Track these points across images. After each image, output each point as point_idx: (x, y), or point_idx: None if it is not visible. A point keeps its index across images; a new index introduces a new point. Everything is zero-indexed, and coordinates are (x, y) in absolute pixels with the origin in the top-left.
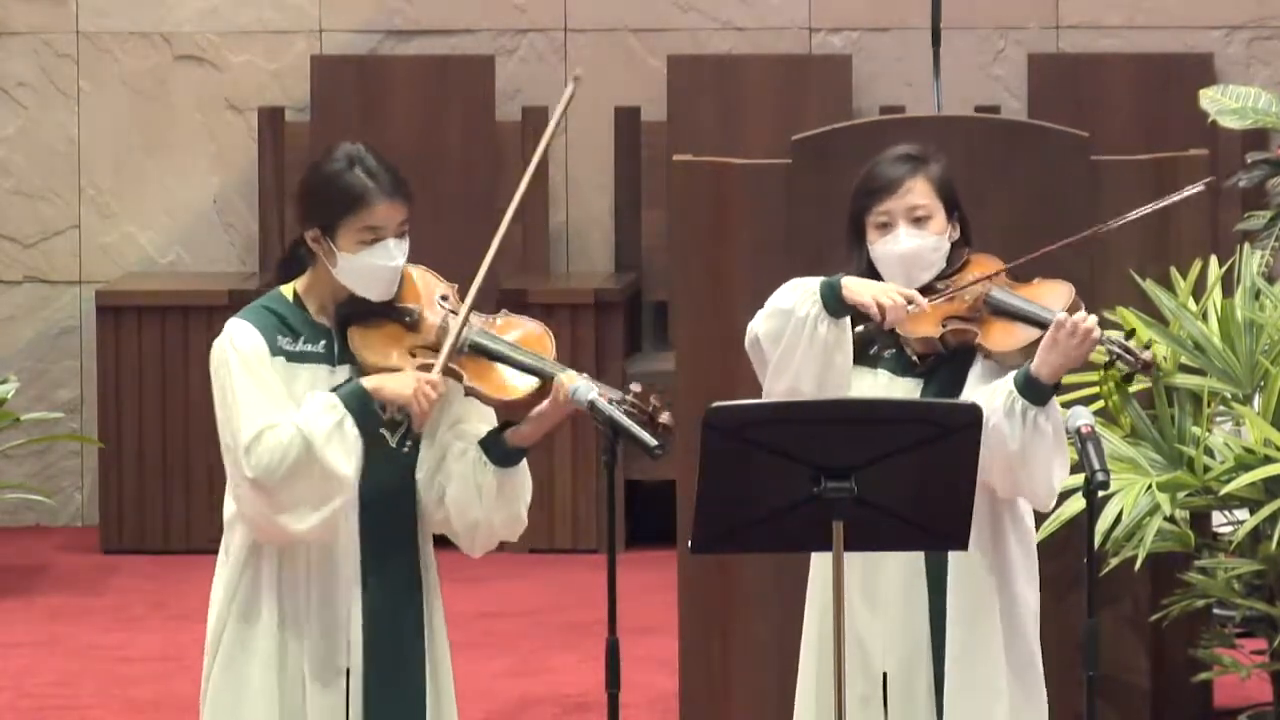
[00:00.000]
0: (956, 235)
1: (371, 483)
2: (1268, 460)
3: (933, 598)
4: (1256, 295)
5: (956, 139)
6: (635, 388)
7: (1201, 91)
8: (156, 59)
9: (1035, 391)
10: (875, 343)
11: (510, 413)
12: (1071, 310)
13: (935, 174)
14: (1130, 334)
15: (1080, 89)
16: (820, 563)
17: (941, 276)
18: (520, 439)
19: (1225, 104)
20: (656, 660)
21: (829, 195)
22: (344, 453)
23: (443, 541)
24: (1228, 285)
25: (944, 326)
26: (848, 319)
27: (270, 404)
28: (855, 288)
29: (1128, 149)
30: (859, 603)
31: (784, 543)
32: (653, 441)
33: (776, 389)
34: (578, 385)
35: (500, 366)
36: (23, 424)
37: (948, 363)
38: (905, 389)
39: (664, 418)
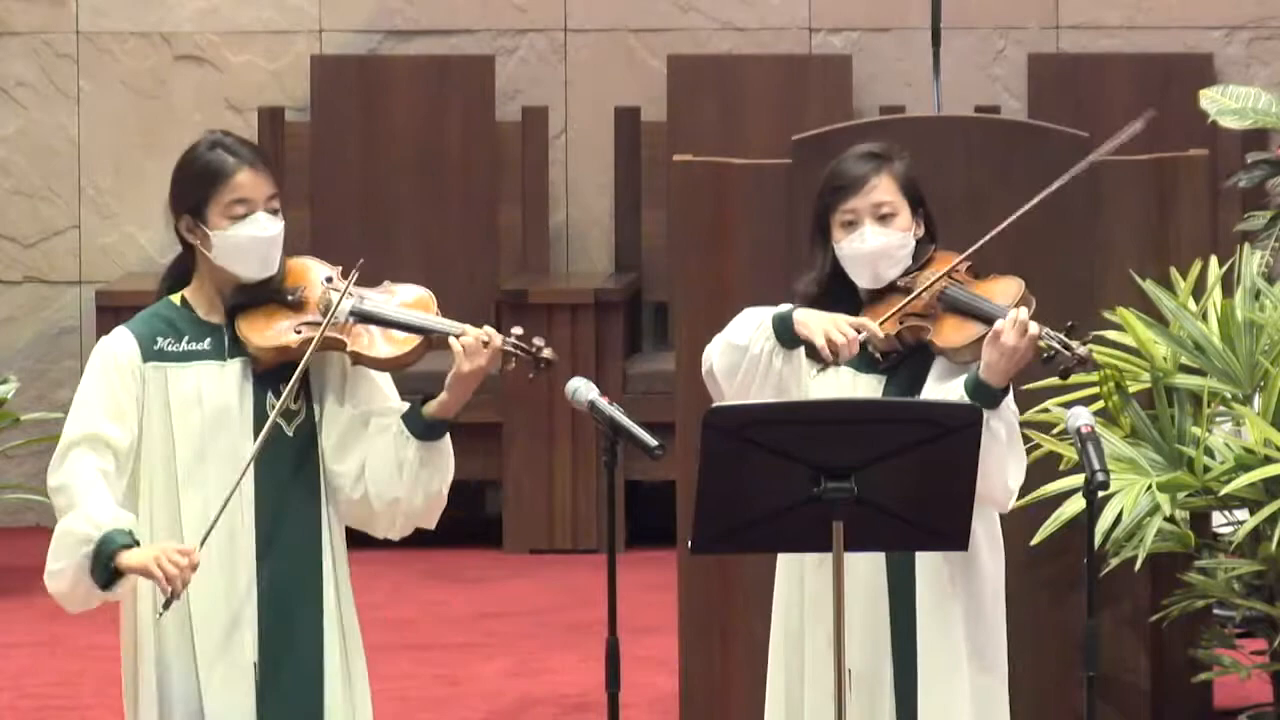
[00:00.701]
0: (921, 232)
1: (267, 472)
2: (1268, 460)
3: (894, 593)
4: (1256, 295)
5: (956, 139)
6: (516, 330)
7: (1201, 91)
8: (156, 59)
9: (985, 395)
10: None
11: (398, 372)
12: (1020, 304)
13: (899, 171)
14: (1071, 328)
15: (1080, 89)
16: (785, 564)
17: (907, 273)
18: (440, 410)
19: (1225, 104)
20: (656, 660)
21: None
22: (63, 557)
23: (436, 540)
24: (1228, 285)
25: (901, 323)
26: (801, 349)
27: (105, 418)
28: (807, 323)
29: (1128, 149)
30: (825, 601)
31: (784, 543)
32: (653, 442)
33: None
34: (577, 385)
35: (382, 329)
36: (23, 424)
37: (909, 360)
38: (868, 386)
39: (546, 353)
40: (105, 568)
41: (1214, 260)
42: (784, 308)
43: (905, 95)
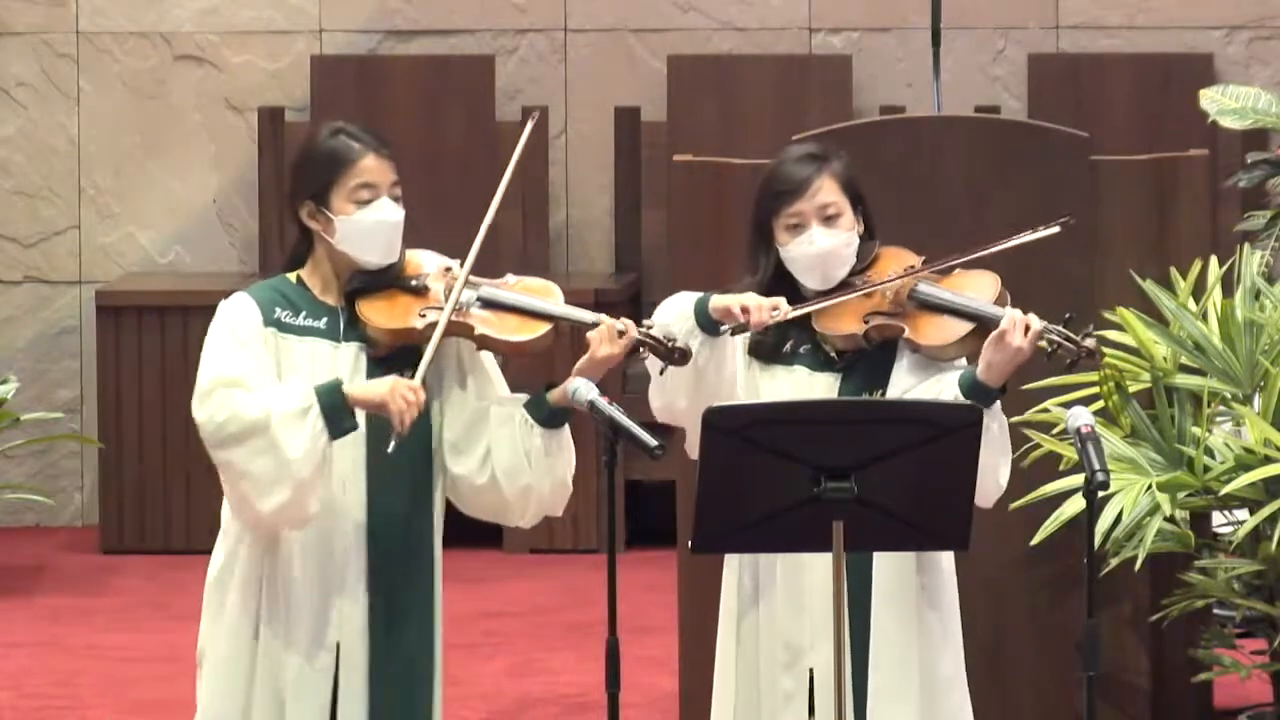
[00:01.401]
0: (862, 229)
1: (373, 459)
2: (1268, 460)
3: (854, 594)
4: (1256, 295)
5: (956, 139)
6: (648, 322)
7: (1201, 91)
8: (156, 59)
9: (981, 395)
10: (789, 340)
11: (523, 359)
12: (999, 301)
13: (839, 170)
14: (1069, 320)
15: (1080, 89)
16: (732, 565)
17: (854, 272)
18: (562, 397)
19: (1225, 104)
20: (656, 660)
21: None
22: (298, 437)
23: (443, 540)
24: (1228, 285)
25: (867, 323)
26: (725, 337)
27: (242, 364)
28: (720, 298)
29: (1128, 149)
30: (783, 602)
31: (784, 543)
32: (653, 442)
33: (655, 405)
34: (577, 385)
35: (508, 315)
36: (23, 424)
37: (865, 358)
38: (824, 384)
39: (681, 344)
40: (340, 413)
41: (1214, 260)
42: (705, 294)
43: (905, 95)
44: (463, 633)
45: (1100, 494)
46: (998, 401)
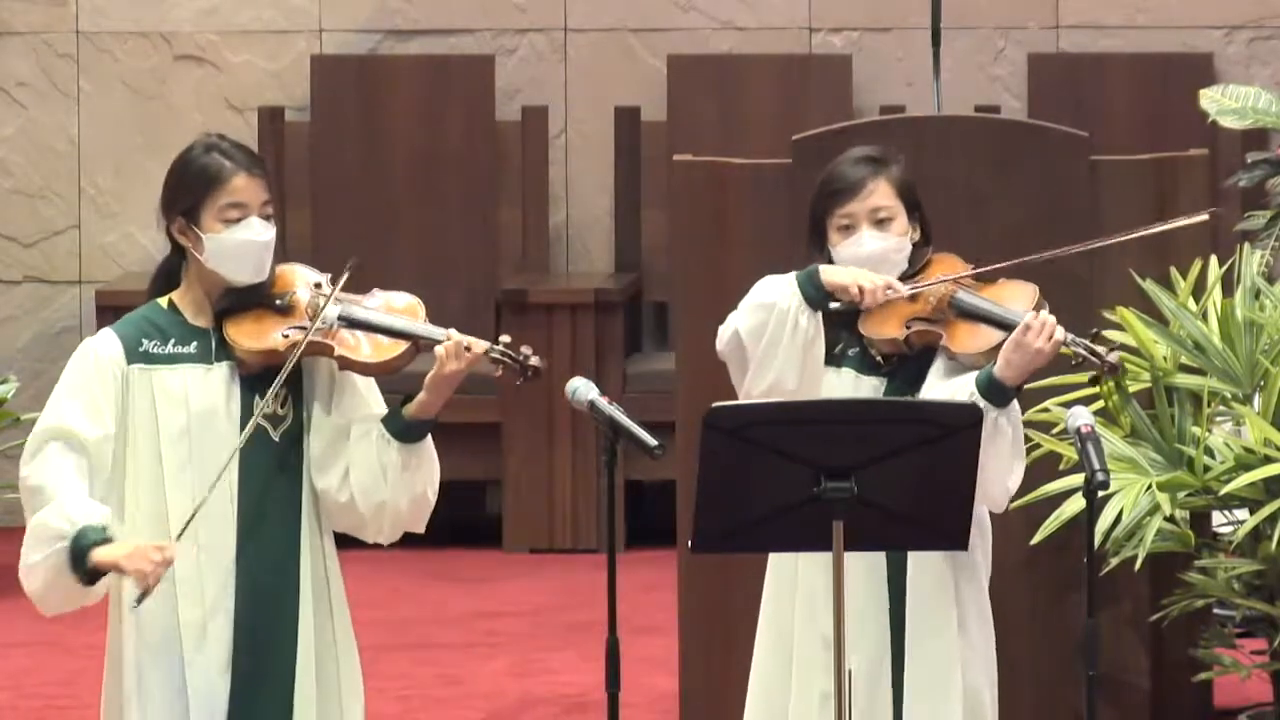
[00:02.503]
0: (917, 236)
1: (251, 475)
2: (1268, 460)
3: (893, 595)
4: (1256, 295)
5: (956, 139)
6: (505, 338)
7: (1201, 91)
8: (156, 59)
9: (998, 393)
10: (840, 341)
11: (386, 377)
12: (1037, 309)
13: (896, 175)
14: (1096, 334)
15: (1080, 89)
16: (777, 565)
17: (904, 278)
18: (421, 410)
19: (1225, 104)
20: (656, 660)
21: None
22: (38, 553)
23: (436, 541)
24: (1228, 285)
25: (908, 328)
26: (821, 314)
27: (77, 417)
28: (834, 273)
29: (1128, 149)
30: (822, 602)
31: (784, 543)
32: (652, 442)
33: (759, 387)
34: (577, 385)
35: (369, 335)
36: (23, 424)
37: (909, 361)
38: (870, 387)
39: (534, 360)
40: (82, 564)
41: (1214, 260)
42: (809, 267)
43: (905, 95)
44: (463, 633)
45: (1100, 494)
46: (1014, 403)
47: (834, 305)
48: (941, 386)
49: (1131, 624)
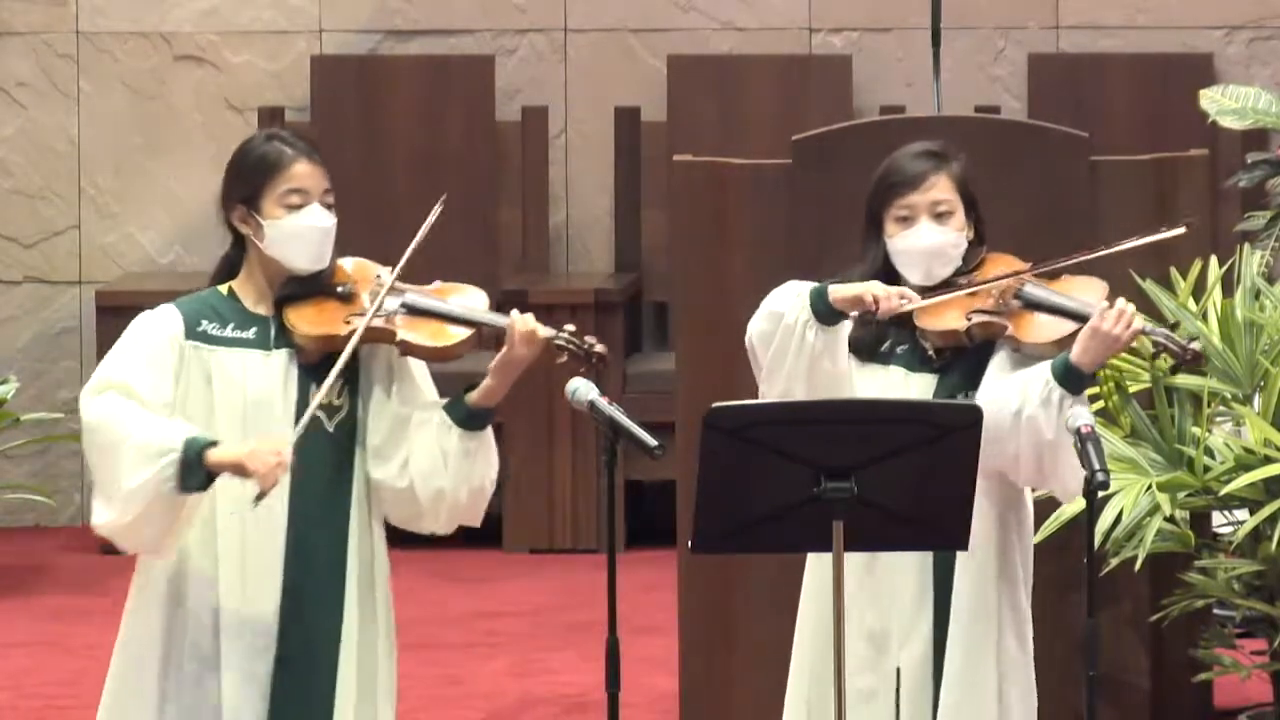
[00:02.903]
0: (972, 235)
1: (302, 465)
2: (1268, 460)
3: (938, 595)
4: (1256, 295)
5: (956, 139)
6: (569, 326)
7: (1201, 91)
8: (156, 59)
9: (1074, 380)
10: (887, 339)
11: (446, 363)
12: (1117, 301)
13: (956, 172)
14: (1175, 325)
15: (1080, 89)
16: (817, 562)
17: (959, 274)
18: (484, 397)
19: (1225, 104)
20: (656, 660)
21: (829, 195)
22: (140, 473)
23: (436, 540)
24: (1228, 285)
25: (969, 320)
26: (839, 326)
27: (139, 375)
28: (843, 290)
29: (1128, 149)
30: (867, 599)
31: (784, 543)
32: (653, 442)
33: (771, 393)
34: (577, 385)
35: (431, 321)
36: (23, 424)
37: (965, 357)
38: (921, 384)
39: (598, 347)
40: (196, 471)
41: (1214, 260)
42: (823, 283)
43: (905, 95)
44: (463, 633)
45: (1100, 494)
46: (1085, 394)
47: (850, 316)
48: (1009, 378)
49: (1131, 624)
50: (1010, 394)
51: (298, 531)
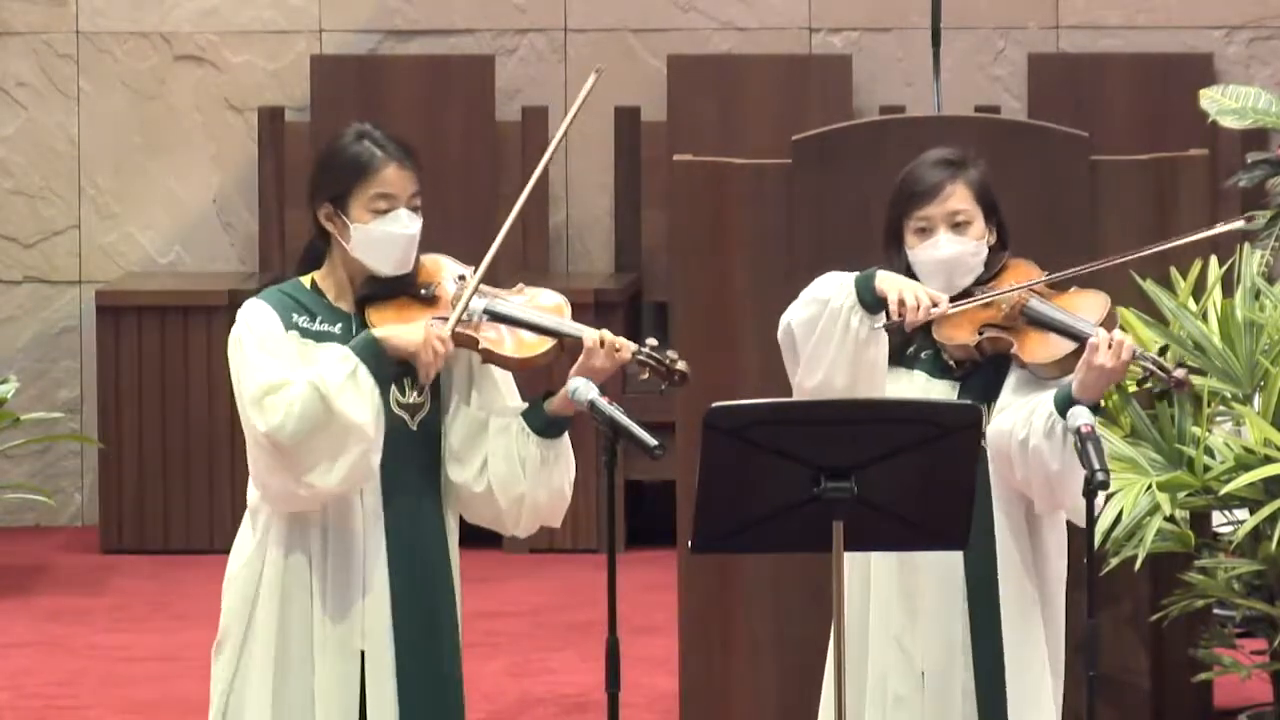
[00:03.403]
0: (994, 240)
1: (389, 463)
2: (1268, 460)
3: (971, 600)
4: (1256, 295)
5: (956, 139)
6: (651, 341)
7: (1201, 91)
8: (156, 59)
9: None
10: (913, 343)
11: (528, 374)
12: (1106, 323)
13: (974, 179)
14: (1164, 350)
15: (1080, 89)
16: (848, 566)
17: (980, 282)
18: (562, 406)
19: (1225, 104)
20: (656, 660)
21: (829, 195)
22: (360, 401)
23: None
24: (1228, 285)
25: (980, 334)
26: (883, 315)
27: (279, 369)
28: (885, 282)
29: (1128, 149)
30: (896, 603)
31: (784, 543)
32: (652, 441)
33: (808, 384)
34: (577, 385)
35: (515, 330)
36: (23, 424)
37: (982, 369)
38: (942, 391)
39: (680, 365)
40: (381, 361)
41: (1214, 260)
42: (870, 269)
43: (905, 95)
44: (463, 633)
45: (1100, 494)
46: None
47: (880, 323)
48: (1018, 403)
49: (1131, 624)
50: (1018, 422)
51: (396, 529)
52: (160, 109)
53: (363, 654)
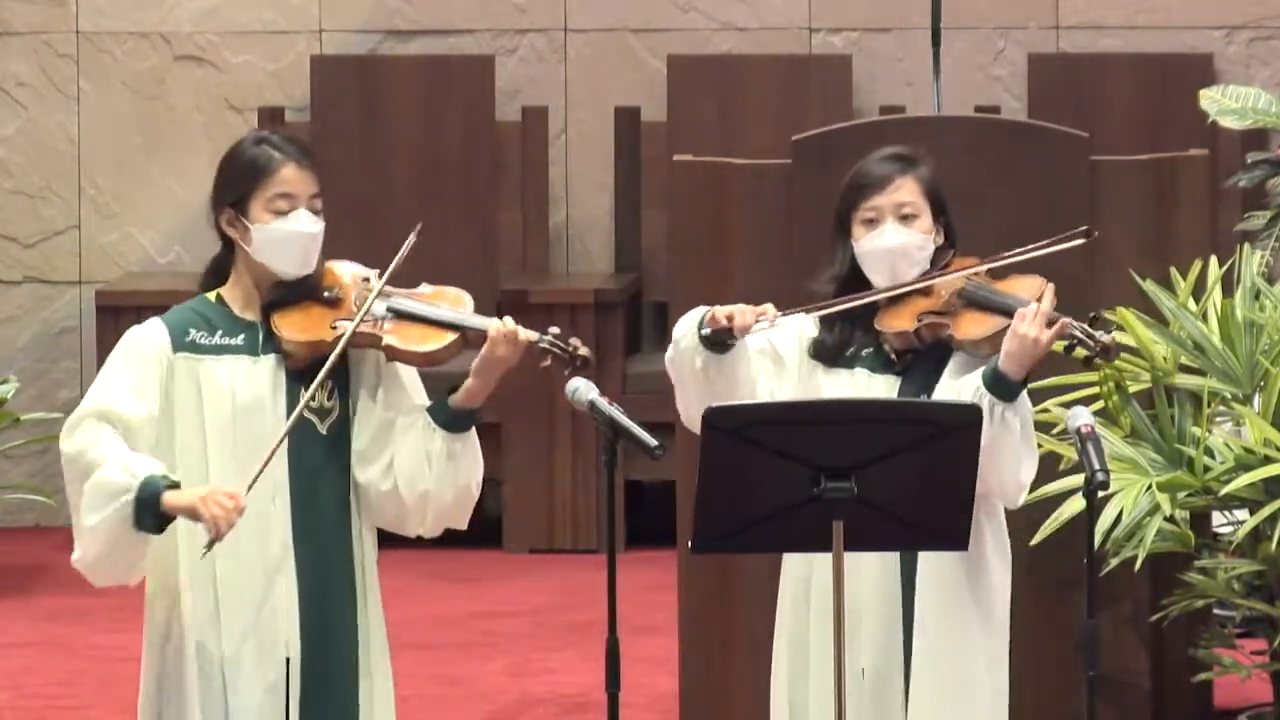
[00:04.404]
0: (941, 240)
1: (300, 467)
2: (1268, 460)
3: (906, 595)
4: (1256, 295)
5: (956, 139)
6: (553, 329)
7: (1201, 91)
8: (156, 59)
9: (1003, 387)
10: (851, 343)
11: (433, 368)
12: (1042, 300)
13: (924, 175)
14: (1094, 319)
15: (1080, 89)
16: (792, 563)
17: (924, 276)
18: (467, 397)
19: (1225, 104)
20: (656, 660)
21: (829, 195)
22: (100, 513)
23: (436, 541)
24: (1228, 285)
25: (919, 321)
26: (734, 349)
27: (120, 398)
28: (709, 311)
29: (1128, 149)
30: (830, 600)
31: (784, 543)
32: (653, 442)
33: (684, 419)
34: (577, 385)
35: (417, 325)
36: (23, 424)
37: (924, 359)
38: (884, 386)
39: (582, 350)
40: (151, 512)
41: (1214, 260)
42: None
43: (905, 95)
44: (463, 633)
45: (1100, 494)
46: (1023, 395)
47: (723, 341)
48: (952, 384)
49: (1131, 624)
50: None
51: (304, 534)
52: (160, 109)
53: (287, 661)
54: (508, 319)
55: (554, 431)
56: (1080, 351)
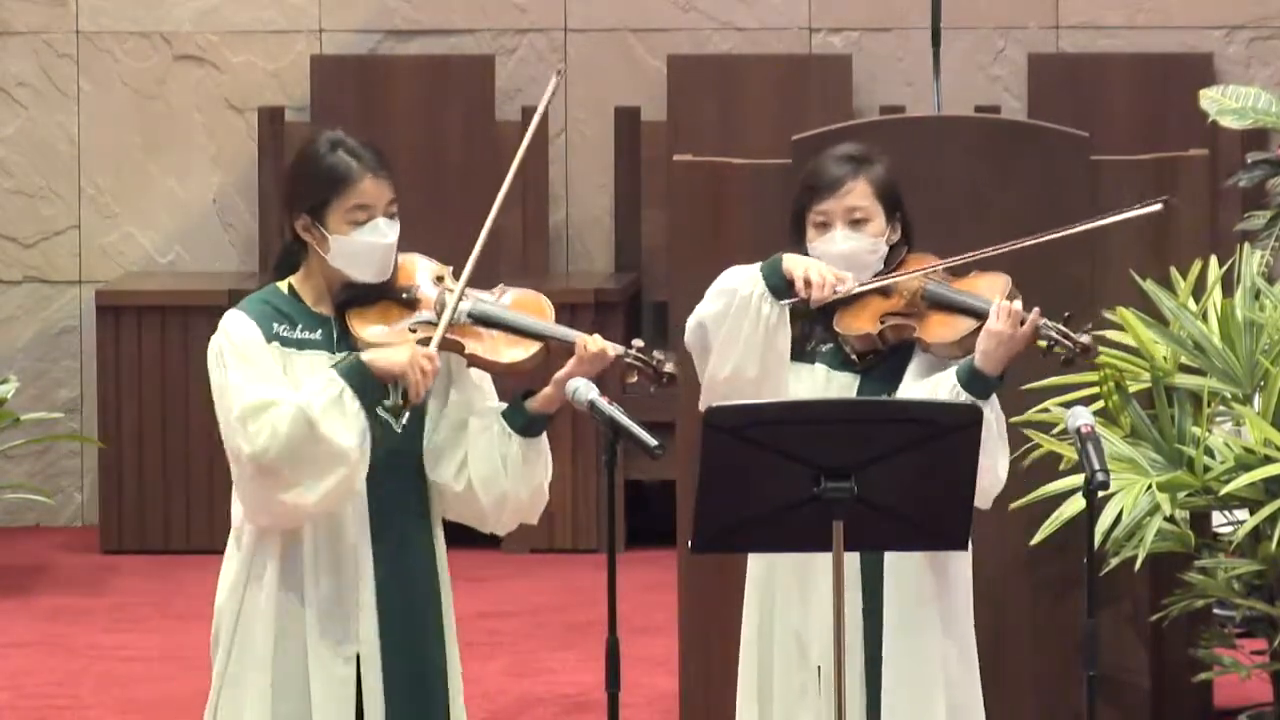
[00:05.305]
0: (896, 237)
1: (375, 465)
2: (1268, 460)
3: (866, 591)
4: (1256, 295)
5: (956, 139)
6: (638, 343)
7: (1201, 91)
8: (156, 59)
9: (979, 385)
10: (814, 337)
11: (515, 378)
12: (1008, 300)
13: (877, 175)
14: (1069, 318)
15: (1080, 89)
16: (756, 563)
17: (879, 276)
18: (544, 405)
19: (1225, 104)
20: (656, 660)
21: None
22: (344, 426)
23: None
24: (1228, 285)
25: (882, 323)
26: (788, 307)
27: (266, 384)
28: (791, 262)
29: (1128, 149)
30: (795, 599)
31: (784, 543)
32: (653, 441)
33: (721, 373)
34: (577, 385)
35: (500, 333)
36: (23, 424)
37: (885, 359)
38: (842, 384)
39: (668, 366)
40: (367, 384)
41: (1214, 260)
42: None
43: (905, 95)
44: (463, 633)
45: (1100, 494)
46: (995, 394)
47: (787, 300)
48: (920, 385)
49: (1131, 624)
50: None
51: (383, 532)
52: (160, 109)
53: (358, 657)
54: (596, 336)
55: (554, 431)
56: (1058, 352)
